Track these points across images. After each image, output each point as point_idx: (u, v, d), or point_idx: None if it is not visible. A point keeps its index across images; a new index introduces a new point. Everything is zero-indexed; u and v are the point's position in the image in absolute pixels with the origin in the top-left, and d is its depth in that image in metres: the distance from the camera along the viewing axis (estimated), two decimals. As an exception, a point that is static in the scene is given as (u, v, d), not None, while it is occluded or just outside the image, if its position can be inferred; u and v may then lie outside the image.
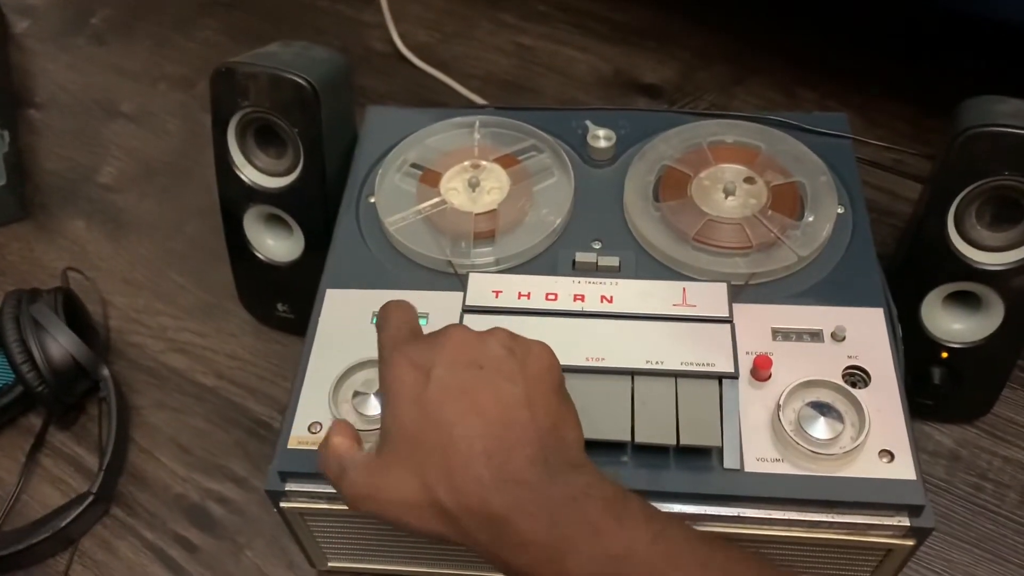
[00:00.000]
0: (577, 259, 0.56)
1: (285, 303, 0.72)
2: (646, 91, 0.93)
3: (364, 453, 0.42)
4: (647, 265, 0.58)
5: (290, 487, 0.52)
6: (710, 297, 0.54)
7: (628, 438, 0.49)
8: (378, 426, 0.46)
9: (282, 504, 0.52)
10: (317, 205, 0.65)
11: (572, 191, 0.61)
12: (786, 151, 0.63)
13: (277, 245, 0.69)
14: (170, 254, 0.82)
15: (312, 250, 0.67)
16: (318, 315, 0.57)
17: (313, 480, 0.51)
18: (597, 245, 0.59)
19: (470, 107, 0.87)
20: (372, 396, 0.52)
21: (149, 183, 0.90)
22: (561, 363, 0.45)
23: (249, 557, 0.63)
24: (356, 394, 0.53)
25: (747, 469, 0.49)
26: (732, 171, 0.62)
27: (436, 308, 0.56)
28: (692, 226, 0.59)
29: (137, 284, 0.79)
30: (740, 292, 0.55)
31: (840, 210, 0.60)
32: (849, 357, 0.52)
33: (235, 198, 0.66)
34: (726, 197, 0.60)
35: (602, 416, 0.50)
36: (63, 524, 0.62)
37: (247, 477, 0.67)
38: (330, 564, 0.59)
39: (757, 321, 0.54)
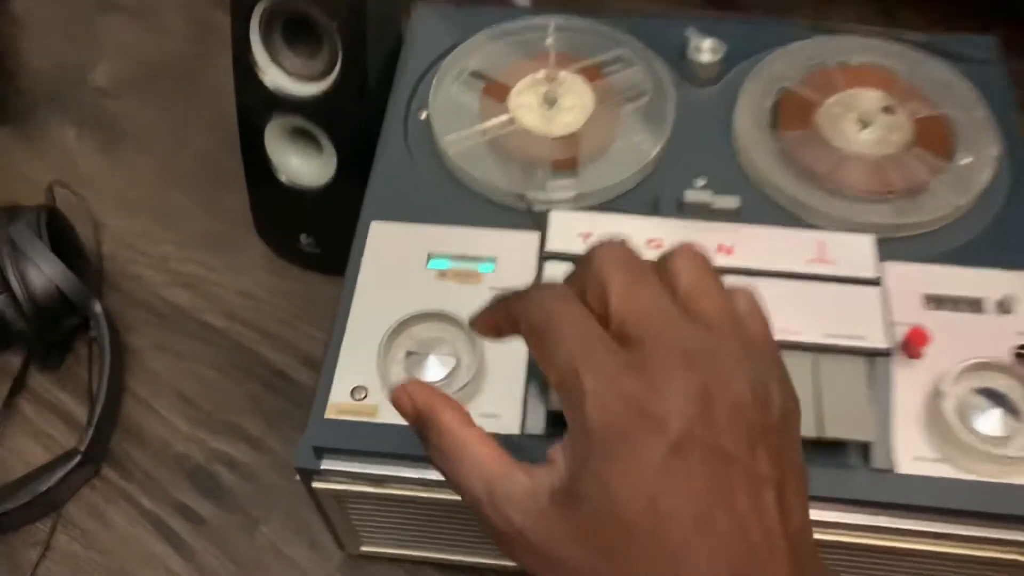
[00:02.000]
0: (687, 198, 0.45)
1: (310, 235, 0.61)
2: (727, 2, 0.80)
3: (526, 483, 0.28)
4: (764, 210, 0.47)
5: (327, 465, 0.42)
6: (853, 252, 0.44)
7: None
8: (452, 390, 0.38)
9: (315, 484, 0.43)
10: (355, 118, 0.54)
11: (670, 114, 0.50)
12: (931, 77, 0.52)
13: (304, 166, 0.58)
14: (174, 171, 0.71)
15: (346, 173, 0.56)
16: (360, 253, 0.47)
17: (356, 459, 0.42)
18: (701, 182, 0.49)
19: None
20: (431, 358, 0.42)
21: (150, 87, 0.77)
22: None
23: (264, 534, 0.54)
24: (409, 354, 0.42)
25: (900, 470, 0.39)
26: (867, 98, 0.51)
27: (505, 251, 0.46)
28: (821, 163, 0.48)
29: (135, 205, 0.68)
30: (880, 248, 0.45)
31: (996, 152, 0.49)
32: (1019, 334, 0.42)
33: (256, 107, 0.55)
34: (861, 129, 0.49)
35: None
36: (46, 487, 0.53)
37: (261, 437, 0.57)
38: (363, 549, 0.50)
39: (905, 285, 0.44)
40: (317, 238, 0.61)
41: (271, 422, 0.57)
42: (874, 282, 0.43)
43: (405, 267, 0.46)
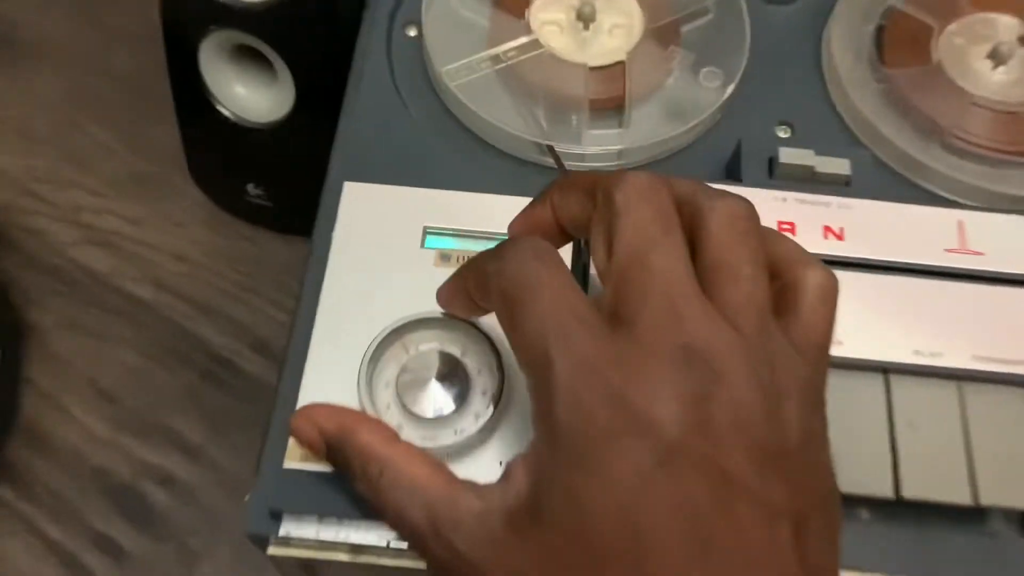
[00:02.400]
0: (782, 157, 0.33)
1: (260, 184, 0.48)
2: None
3: (475, 505, 0.24)
4: (875, 175, 0.35)
5: (288, 530, 0.30)
6: (1005, 239, 0.32)
7: (890, 493, 0.28)
8: (445, 442, 0.29)
9: (272, 551, 0.31)
10: (319, 34, 0.41)
11: (743, 40, 0.38)
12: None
13: (252, 96, 0.45)
14: (88, 97, 0.57)
15: (307, 108, 0.43)
16: (329, 227, 0.34)
17: (328, 521, 0.30)
18: (785, 132, 0.37)
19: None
20: (434, 383, 0.30)
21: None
22: None
23: (206, 574, 0.42)
24: (404, 374, 0.30)
25: (1076, 545, 0.29)
26: (1001, 25, 0.39)
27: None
28: (945, 111, 0.36)
29: (37, 139, 0.55)
30: (1028, 229, 0.33)
31: None
32: None
33: (186, 16, 0.42)
34: (995, 66, 0.37)
35: (836, 443, 0.28)
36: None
37: (202, 445, 0.45)
38: (335, 602, 0.39)
39: (1067, 283, 0.33)
40: (268, 189, 0.48)
41: (214, 425, 0.46)
42: (1039, 282, 0.32)
43: (393, 248, 0.34)
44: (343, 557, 0.31)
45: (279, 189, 0.48)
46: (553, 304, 0.22)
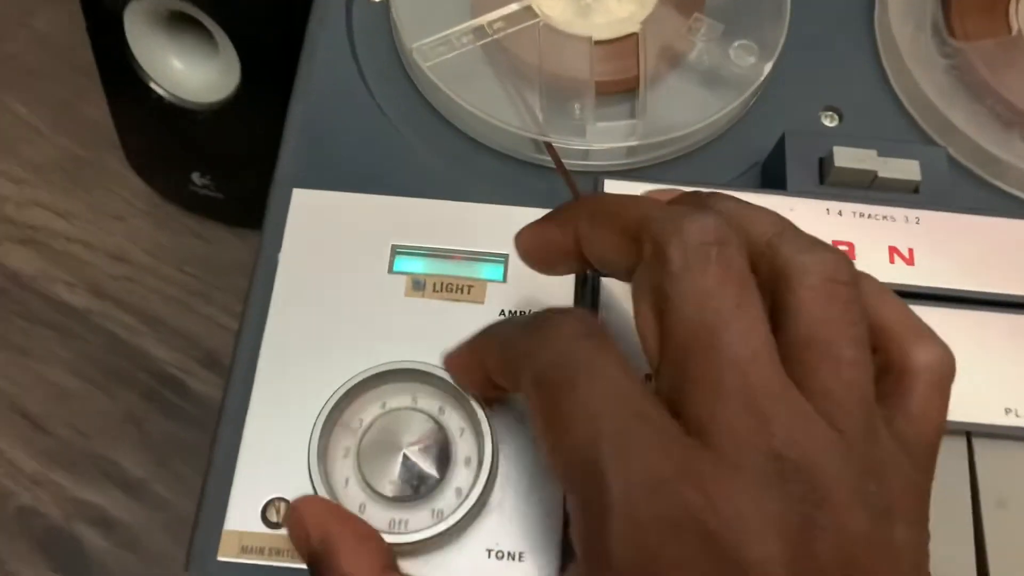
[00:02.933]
0: (837, 160, 0.27)
1: (206, 173, 0.41)
2: None
3: None
4: (947, 176, 0.29)
5: (223, 633, 0.24)
6: (1116, 260, 0.26)
7: (977, 585, 0.23)
8: (419, 529, 0.23)
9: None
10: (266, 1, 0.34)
11: (783, 8, 0.31)
12: None
13: (192, 73, 0.39)
14: (8, 68, 0.49)
15: (254, 85, 0.36)
16: (275, 246, 0.28)
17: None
18: (831, 120, 0.30)
19: None
20: (404, 455, 0.24)
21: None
22: None
23: (151, 633, 0.37)
24: (365, 442, 0.24)
25: None
26: (1092, -15, 0.32)
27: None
28: (1028, 93, 0.30)
29: None
30: None
31: None
32: None
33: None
34: (1086, 37, 0.31)
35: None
36: None
37: (146, 480, 0.40)
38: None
39: None
40: (216, 178, 0.41)
41: (159, 455, 0.40)
42: None
43: (353, 273, 0.27)
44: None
45: (228, 179, 0.41)
46: (607, 399, 0.18)
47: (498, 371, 0.22)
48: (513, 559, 0.24)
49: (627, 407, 0.18)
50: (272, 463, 0.25)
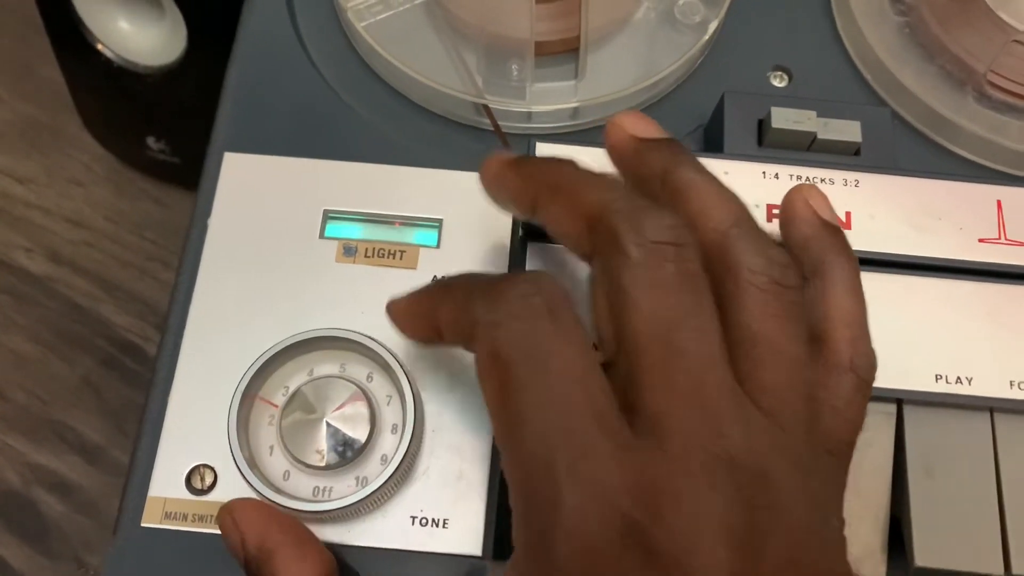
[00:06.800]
0: (774, 122, 0.26)
1: (161, 137, 0.41)
2: None
3: None
4: (894, 139, 0.28)
5: (151, 598, 0.24)
6: (1055, 224, 0.25)
7: (906, 559, 0.23)
8: (343, 496, 0.23)
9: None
10: None
11: (731, -37, 0.30)
12: None
13: (138, 34, 0.38)
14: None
15: (201, 48, 0.36)
16: (206, 211, 0.27)
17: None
18: (780, 80, 0.30)
19: None
20: (325, 423, 0.24)
21: None
22: None
23: (108, 596, 0.37)
24: (288, 412, 0.24)
25: None
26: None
27: (458, 208, 0.27)
28: (982, 50, 0.29)
29: None
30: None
31: None
32: None
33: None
34: (1044, -5, 0.30)
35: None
36: None
37: (103, 446, 0.40)
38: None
39: None
40: (171, 142, 0.41)
41: (117, 421, 0.40)
42: (1096, 282, 0.25)
43: (284, 238, 0.27)
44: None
45: (183, 143, 0.40)
46: (565, 392, 0.17)
47: (450, 327, 0.21)
48: (437, 526, 0.24)
49: (586, 403, 0.17)
50: (197, 430, 0.25)
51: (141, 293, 0.42)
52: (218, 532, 0.24)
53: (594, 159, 0.26)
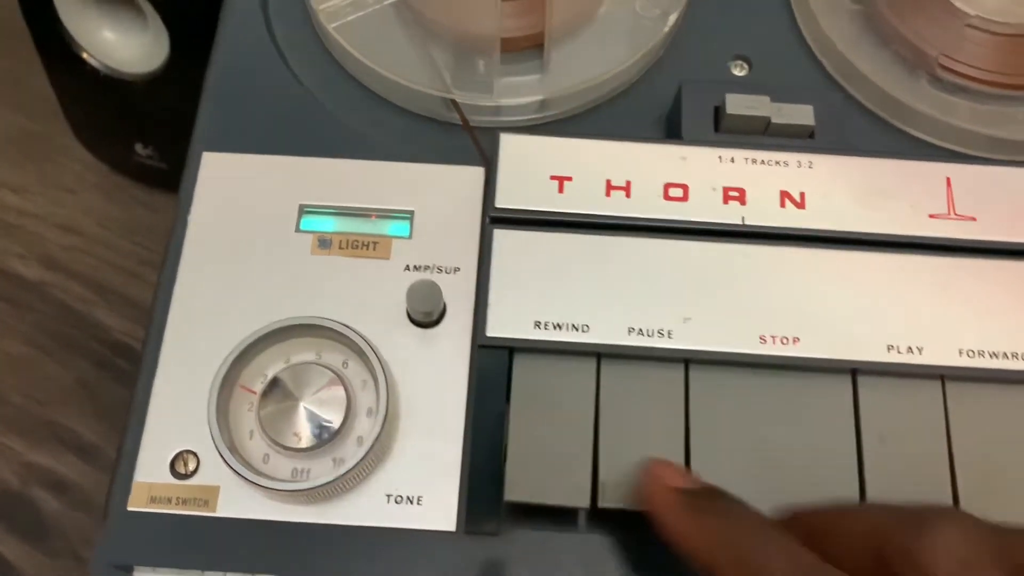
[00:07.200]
0: (729, 108, 0.27)
1: (148, 143, 0.42)
2: None
3: None
4: (850, 124, 0.29)
5: (140, 580, 0.25)
6: (1001, 199, 0.26)
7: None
8: (322, 475, 0.24)
9: (130, 600, 0.26)
10: None
11: (690, -43, 0.31)
12: None
13: (122, 43, 0.39)
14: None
15: (183, 56, 0.37)
16: (187, 207, 0.28)
17: (191, 569, 0.25)
18: (741, 69, 0.30)
19: None
20: (302, 406, 0.25)
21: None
22: (719, 349, 0.24)
23: (106, 590, 0.38)
24: (267, 396, 0.25)
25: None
26: (1003, -75, 0.32)
27: (430, 199, 0.28)
28: (934, 35, 0.30)
29: None
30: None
31: None
32: None
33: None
34: (996, -20, 0.31)
35: (794, 459, 0.24)
36: None
37: (99, 445, 0.40)
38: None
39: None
40: (158, 148, 0.42)
41: (112, 420, 0.41)
42: (1042, 253, 0.26)
43: (261, 232, 0.28)
44: (216, 607, 0.26)
45: (169, 149, 0.41)
46: None
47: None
48: (412, 503, 0.25)
49: None
50: (180, 417, 0.26)
51: (133, 296, 0.43)
52: (200, 513, 0.25)
53: (560, 149, 0.27)
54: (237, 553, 0.24)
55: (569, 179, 0.26)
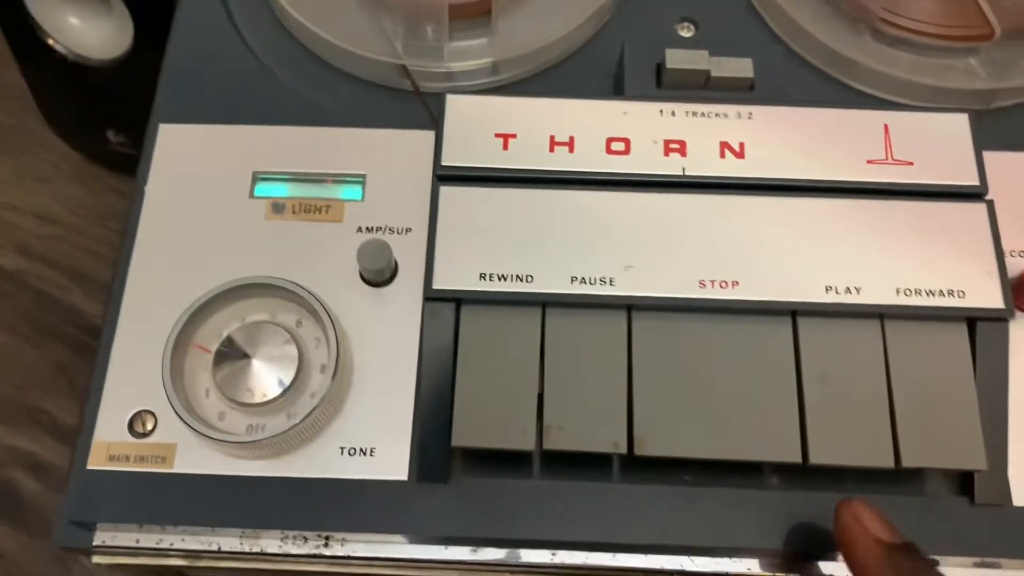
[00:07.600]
0: (668, 63, 0.28)
1: (120, 130, 0.42)
2: None
3: None
4: (791, 76, 0.30)
5: (104, 539, 0.26)
6: (939, 144, 0.27)
7: (798, 459, 0.24)
8: (276, 429, 0.24)
9: (98, 560, 0.27)
10: None
11: (636, -79, 0.32)
12: None
13: (88, 29, 0.39)
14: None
15: (148, 41, 0.37)
16: (144, 178, 0.29)
17: (148, 528, 0.26)
18: (688, 31, 0.31)
19: None
20: (255, 363, 0.25)
21: None
22: (659, 295, 0.24)
23: (86, 567, 0.38)
24: (222, 355, 0.25)
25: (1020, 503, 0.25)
26: None
27: (381, 163, 0.29)
28: (875, -7, 0.30)
29: None
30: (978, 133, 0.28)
31: None
32: None
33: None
34: (934, -66, 0.31)
35: (736, 401, 0.24)
36: None
37: (76, 427, 0.40)
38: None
39: (1013, 193, 0.28)
40: (130, 135, 0.42)
41: (89, 403, 0.41)
42: (976, 194, 0.26)
43: (216, 199, 0.28)
44: (179, 562, 0.27)
45: (140, 134, 0.42)
46: None
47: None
48: (365, 454, 0.25)
49: None
50: (138, 379, 0.26)
51: (108, 281, 0.44)
52: (158, 470, 0.25)
53: (505, 108, 0.28)
54: (195, 507, 0.25)
55: (513, 136, 0.27)
